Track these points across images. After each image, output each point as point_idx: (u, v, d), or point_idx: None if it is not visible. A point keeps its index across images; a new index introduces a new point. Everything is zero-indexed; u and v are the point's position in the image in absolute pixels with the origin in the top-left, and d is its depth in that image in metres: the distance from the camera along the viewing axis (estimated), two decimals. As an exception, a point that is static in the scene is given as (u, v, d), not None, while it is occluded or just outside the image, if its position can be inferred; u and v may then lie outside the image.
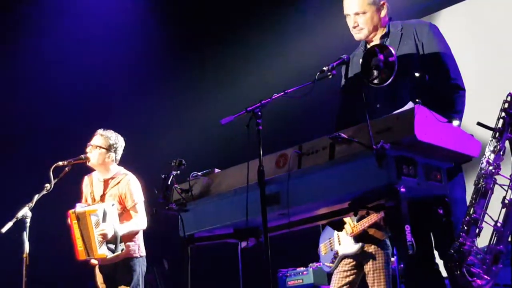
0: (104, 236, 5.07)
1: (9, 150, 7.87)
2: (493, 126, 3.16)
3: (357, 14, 3.74)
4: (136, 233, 5.34)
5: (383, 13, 3.78)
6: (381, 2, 3.78)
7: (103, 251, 5.09)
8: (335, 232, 5.15)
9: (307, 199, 3.25)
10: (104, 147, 5.38)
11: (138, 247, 5.34)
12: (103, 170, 5.44)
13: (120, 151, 5.48)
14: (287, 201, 3.24)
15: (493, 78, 6.36)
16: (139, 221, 5.31)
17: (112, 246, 5.11)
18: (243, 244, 3.76)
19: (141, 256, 5.34)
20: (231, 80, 7.77)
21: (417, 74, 3.55)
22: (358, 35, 3.81)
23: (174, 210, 3.66)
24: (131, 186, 5.35)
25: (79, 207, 5.20)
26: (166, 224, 3.98)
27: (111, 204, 5.21)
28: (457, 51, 3.74)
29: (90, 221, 5.09)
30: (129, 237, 5.27)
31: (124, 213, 5.32)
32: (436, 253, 3.55)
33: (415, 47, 3.69)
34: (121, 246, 5.15)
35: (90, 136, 5.48)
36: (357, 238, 4.99)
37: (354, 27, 3.77)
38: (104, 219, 5.13)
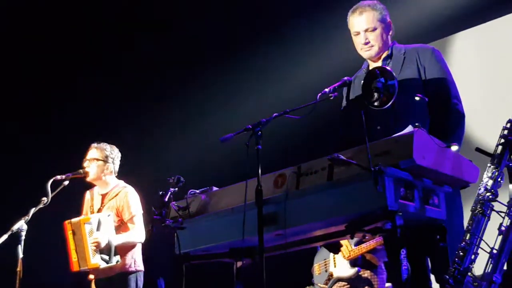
0: (97, 244, 5.04)
1: (8, 162, 7.87)
2: (492, 152, 3.16)
3: (367, 30, 3.80)
4: (133, 246, 5.29)
5: (390, 32, 3.86)
6: (388, 20, 3.86)
7: (96, 261, 5.05)
8: (331, 254, 5.13)
9: (304, 220, 3.24)
10: (101, 158, 5.38)
11: (134, 261, 5.28)
12: (103, 183, 5.43)
13: (117, 162, 5.48)
14: (284, 222, 3.23)
15: (497, 104, 6.36)
16: (136, 233, 5.27)
17: (106, 257, 5.07)
18: (239, 264, 3.75)
19: (137, 271, 5.28)
20: (231, 99, 7.78)
21: (417, 98, 3.57)
22: (369, 52, 3.84)
23: (171, 227, 3.65)
24: (129, 199, 5.31)
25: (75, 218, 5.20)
26: (163, 242, 3.97)
27: (107, 214, 5.19)
28: (465, 76, 3.76)
29: (84, 230, 5.07)
30: (125, 250, 5.23)
31: (122, 226, 5.28)
32: (432, 277, 3.53)
33: (417, 71, 3.74)
34: (116, 258, 5.10)
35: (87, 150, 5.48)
36: (353, 262, 4.98)
37: (366, 44, 3.81)
38: (98, 228, 5.10)
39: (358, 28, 3.82)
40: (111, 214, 5.21)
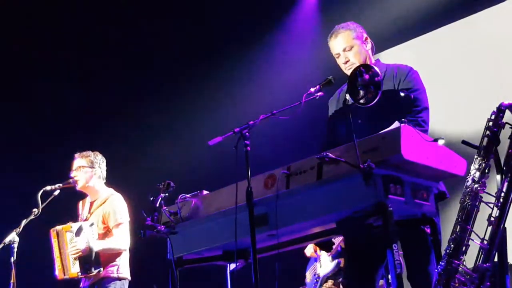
0: (76, 251, 5.02)
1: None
2: (478, 144, 3.19)
3: (345, 50, 3.89)
4: (117, 253, 5.23)
5: (368, 46, 3.96)
6: (364, 36, 3.96)
7: (75, 270, 5.05)
8: (319, 257, 5.16)
9: (295, 220, 3.27)
10: (87, 165, 5.38)
11: (117, 268, 5.21)
12: (92, 190, 5.42)
13: (103, 167, 5.48)
14: (275, 222, 3.25)
15: (480, 97, 6.41)
16: (120, 240, 5.21)
17: (86, 265, 5.04)
18: (232, 266, 3.76)
19: (119, 278, 5.21)
20: (219, 102, 7.80)
21: (402, 94, 3.66)
22: (351, 69, 3.88)
23: (163, 232, 3.66)
24: (115, 206, 5.29)
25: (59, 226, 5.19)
26: (155, 247, 3.97)
27: (90, 223, 5.16)
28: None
29: (66, 238, 5.10)
30: (109, 257, 5.18)
31: (109, 233, 5.24)
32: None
33: (392, 85, 3.82)
34: (98, 267, 5.06)
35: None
36: (334, 255, 4.98)
37: (346, 62, 3.90)
38: (78, 235, 5.08)
39: (337, 50, 3.93)
40: (94, 223, 5.17)
